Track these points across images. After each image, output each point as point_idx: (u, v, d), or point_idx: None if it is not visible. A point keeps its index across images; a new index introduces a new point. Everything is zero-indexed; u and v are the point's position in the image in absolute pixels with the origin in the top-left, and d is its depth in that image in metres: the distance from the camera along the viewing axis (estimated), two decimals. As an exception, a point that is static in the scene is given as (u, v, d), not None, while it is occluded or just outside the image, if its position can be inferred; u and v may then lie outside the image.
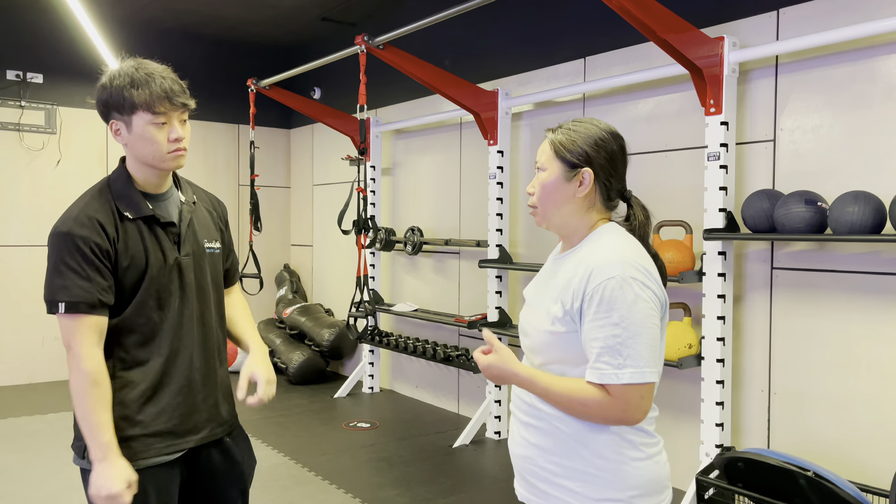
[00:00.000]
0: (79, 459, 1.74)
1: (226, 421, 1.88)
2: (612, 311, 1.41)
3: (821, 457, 3.14)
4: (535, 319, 1.58)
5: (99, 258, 1.67)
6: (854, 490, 2.71)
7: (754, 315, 3.44)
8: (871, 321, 3.03)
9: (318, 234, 6.96)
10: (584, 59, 4.27)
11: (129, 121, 1.72)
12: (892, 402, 2.96)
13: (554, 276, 1.60)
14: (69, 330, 1.66)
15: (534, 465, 1.56)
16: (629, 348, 1.39)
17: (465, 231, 5.16)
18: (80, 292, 1.65)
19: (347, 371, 6.43)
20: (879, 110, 3.02)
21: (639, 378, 1.39)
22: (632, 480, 1.50)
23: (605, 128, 1.58)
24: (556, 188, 1.56)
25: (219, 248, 1.94)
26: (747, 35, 3.43)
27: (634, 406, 1.41)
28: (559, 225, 1.60)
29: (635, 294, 1.42)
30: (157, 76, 1.71)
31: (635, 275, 1.44)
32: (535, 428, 1.56)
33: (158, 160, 1.75)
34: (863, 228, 2.78)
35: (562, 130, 1.59)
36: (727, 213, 3.32)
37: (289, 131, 7.39)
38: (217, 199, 2.05)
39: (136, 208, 1.76)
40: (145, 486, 1.70)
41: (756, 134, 3.43)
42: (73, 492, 3.66)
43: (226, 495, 1.88)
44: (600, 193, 1.56)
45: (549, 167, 1.57)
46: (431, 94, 5.39)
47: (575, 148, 1.54)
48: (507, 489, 3.73)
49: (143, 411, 1.71)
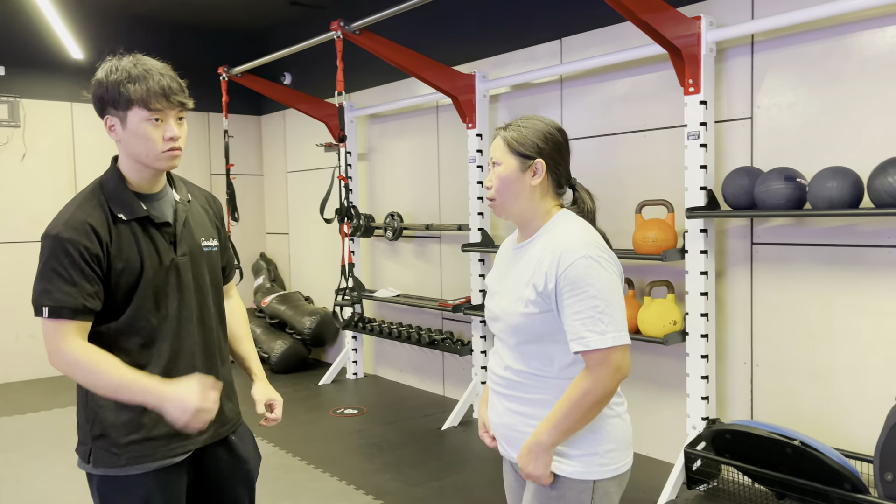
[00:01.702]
0: (83, 464, 1.72)
1: (230, 419, 1.88)
2: (589, 286, 1.58)
3: (803, 426, 3.23)
4: (507, 304, 1.71)
5: (87, 263, 1.64)
6: (839, 457, 2.80)
7: (736, 290, 3.51)
8: (849, 292, 3.11)
9: (293, 221, 6.91)
10: (561, 40, 4.28)
11: (124, 117, 1.68)
12: (870, 371, 3.06)
13: (517, 262, 1.75)
14: (52, 333, 1.63)
15: (516, 432, 1.72)
16: (608, 315, 1.57)
17: (445, 215, 5.16)
18: (64, 297, 1.61)
19: (330, 358, 6.43)
20: (854, 86, 3.09)
21: (620, 340, 1.58)
22: (607, 436, 1.67)
23: (550, 123, 1.74)
24: (513, 179, 1.70)
25: (216, 246, 1.92)
26: (722, 14, 3.46)
27: (619, 364, 1.58)
28: (518, 214, 1.75)
29: (604, 270, 1.59)
30: (154, 72, 1.67)
31: (600, 254, 1.61)
32: (511, 397, 1.72)
33: (153, 159, 1.72)
34: (842, 203, 2.85)
35: (512, 128, 1.73)
36: (708, 191, 3.37)
37: (259, 118, 7.29)
38: (212, 195, 2.03)
39: (130, 210, 1.73)
40: (152, 489, 1.69)
41: (733, 112, 3.48)
42: (63, 494, 3.63)
43: (233, 493, 1.88)
44: (551, 182, 1.73)
45: (505, 161, 1.71)
46: (406, 77, 5.36)
47: (527, 141, 1.70)
48: (498, 469, 3.79)
49: (146, 414, 1.69)
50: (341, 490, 3.56)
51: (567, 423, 1.60)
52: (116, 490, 1.68)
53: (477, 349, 4.62)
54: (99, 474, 1.68)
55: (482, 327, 4.60)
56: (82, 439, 1.72)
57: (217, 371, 1.85)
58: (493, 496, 3.44)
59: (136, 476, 1.67)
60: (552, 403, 1.65)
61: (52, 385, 5.82)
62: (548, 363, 1.67)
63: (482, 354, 4.61)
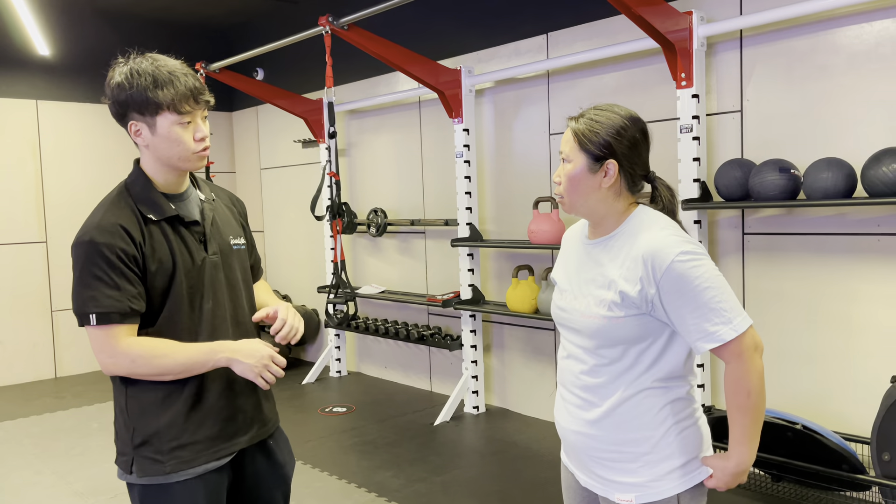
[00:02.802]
0: (125, 474, 1.68)
1: (269, 420, 1.86)
2: (696, 280, 1.50)
3: (797, 410, 3.33)
4: (583, 305, 1.63)
5: (126, 265, 1.61)
6: (838, 439, 2.89)
7: (727, 279, 3.55)
8: (838, 279, 3.21)
9: (269, 218, 6.81)
10: (547, 34, 4.31)
11: (153, 122, 1.64)
12: (861, 355, 3.16)
13: (592, 260, 1.66)
14: (103, 341, 1.60)
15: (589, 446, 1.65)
16: (726, 302, 1.50)
17: (430, 210, 5.16)
18: (111, 302, 1.58)
19: (310, 356, 6.37)
20: (841, 80, 3.18)
21: (746, 322, 1.52)
22: (682, 449, 1.61)
23: (626, 114, 1.62)
24: (582, 180, 1.60)
25: (244, 244, 1.91)
26: (711, 9, 3.53)
27: (755, 343, 1.53)
28: (587, 213, 1.66)
29: (702, 261, 1.52)
30: (179, 74, 1.64)
31: (693, 247, 1.53)
32: (585, 404, 1.64)
33: (184, 160, 1.69)
34: (836, 193, 2.94)
35: (584, 120, 1.62)
36: (701, 182, 3.44)
37: (231, 114, 7.16)
38: (235, 195, 2.01)
39: (159, 210, 1.70)
40: (198, 495, 1.66)
41: (724, 105, 3.56)
42: (51, 502, 3.53)
43: (269, 497, 1.86)
44: (625, 181, 1.62)
45: (574, 159, 1.61)
46: (386, 72, 5.33)
47: (598, 139, 1.58)
48: (498, 461, 3.81)
49: (188, 418, 1.67)
50: (343, 489, 3.54)
51: (754, 428, 1.54)
52: (161, 498, 1.65)
53: (467, 344, 4.63)
54: (142, 483, 1.65)
55: (472, 321, 4.62)
56: (122, 450, 1.68)
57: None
58: (496, 489, 3.47)
59: (180, 483, 1.65)
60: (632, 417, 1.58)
61: (21, 392, 5.64)
62: (630, 366, 1.58)
63: (472, 349, 4.62)
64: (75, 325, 6.32)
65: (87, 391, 5.59)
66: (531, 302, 4.13)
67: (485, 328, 4.79)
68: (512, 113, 4.54)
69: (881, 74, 3.06)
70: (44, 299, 6.07)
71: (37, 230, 6.01)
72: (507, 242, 4.37)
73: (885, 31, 3.04)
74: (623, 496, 1.60)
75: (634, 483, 1.59)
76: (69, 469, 3.93)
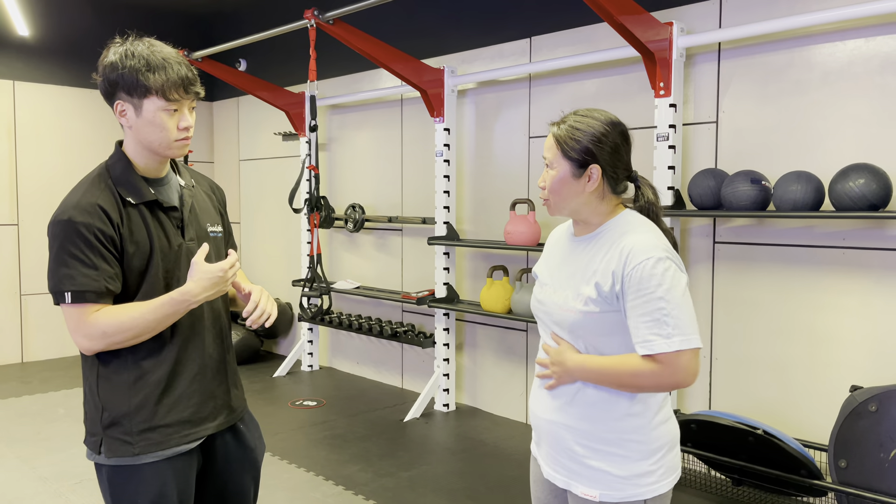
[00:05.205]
0: (93, 455, 1.68)
1: (238, 407, 1.87)
2: (655, 288, 1.53)
3: (760, 416, 3.41)
4: (562, 299, 1.67)
5: (104, 245, 1.62)
6: (798, 445, 2.97)
7: (697, 286, 3.66)
8: (806, 290, 3.30)
9: (245, 211, 6.79)
10: (530, 38, 4.35)
11: (140, 104, 1.65)
12: (825, 365, 3.25)
13: (575, 256, 1.70)
14: (76, 319, 1.61)
15: (559, 434, 1.67)
16: (674, 318, 1.52)
17: (408, 208, 5.18)
18: (87, 280, 1.59)
19: (283, 350, 6.36)
20: (814, 95, 3.26)
21: (687, 344, 1.52)
22: (653, 450, 1.64)
23: (606, 119, 1.65)
24: (566, 185, 1.65)
25: (221, 232, 1.91)
26: (692, 21, 3.60)
27: (684, 369, 1.53)
28: (572, 214, 1.71)
29: (670, 271, 1.55)
30: (173, 62, 1.65)
31: (667, 256, 1.56)
32: (557, 393, 1.67)
33: (165, 147, 1.70)
34: (805, 205, 3.02)
35: (565, 127, 1.65)
36: (675, 190, 3.51)
37: (211, 104, 7.12)
38: (215, 183, 2.02)
39: (139, 193, 1.71)
40: (166, 477, 1.67)
41: (700, 115, 3.63)
42: (36, 498, 3.49)
43: (239, 481, 1.87)
44: (608, 183, 1.65)
45: (558, 166, 1.65)
46: (369, 68, 5.34)
47: (580, 146, 1.61)
48: (466, 459, 3.85)
49: (160, 401, 1.68)
50: (311, 481, 3.55)
51: (602, 379, 1.59)
52: (129, 479, 1.65)
53: (440, 342, 4.66)
54: (110, 464, 1.65)
55: (445, 320, 4.64)
56: (91, 430, 1.68)
57: (226, 355, 1.84)
58: (462, 486, 3.50)
59: (149, 465, 1.65)
60: (603, 407, 1.62)
61: (-11, 376, 5.56)
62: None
63: (445, 347, 4.65)
64: (44, 310, 6.30)
65: (54, 377, 5.53)
66: (505, 302, 4.17)
67: (458, 327, 4.82)
68: (493, 114, 4.58)
69: (852, 92, 3.14)
70: (13, 283, 5.99)
71: (9, 213, 5.93)
72: (484, 242, 4.41)
73: (858, 51, 3.12)
74: (588, 491, 1.64)
75: (599, 480, 1.62)
76: (34, 454, 3.89)
